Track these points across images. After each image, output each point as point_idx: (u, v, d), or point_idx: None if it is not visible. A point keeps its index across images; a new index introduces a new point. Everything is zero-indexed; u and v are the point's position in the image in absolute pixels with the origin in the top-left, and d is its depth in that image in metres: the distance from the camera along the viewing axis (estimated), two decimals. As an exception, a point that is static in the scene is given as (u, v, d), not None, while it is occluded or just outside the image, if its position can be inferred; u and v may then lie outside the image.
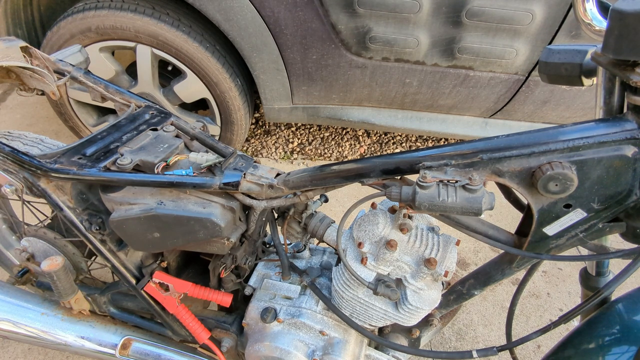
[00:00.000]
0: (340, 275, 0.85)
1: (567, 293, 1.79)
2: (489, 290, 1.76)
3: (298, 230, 0.97)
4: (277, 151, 2.46)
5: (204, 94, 1.91)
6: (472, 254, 1.93)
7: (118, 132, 0.92)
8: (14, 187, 0.89)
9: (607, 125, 0.58)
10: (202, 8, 1.64)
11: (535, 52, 1.68)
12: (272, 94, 1.95)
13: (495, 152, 0.61)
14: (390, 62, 1.77)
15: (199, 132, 0.94)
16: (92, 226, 0.91)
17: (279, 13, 1.62)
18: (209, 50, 1.75)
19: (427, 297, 0.81)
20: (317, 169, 0.76)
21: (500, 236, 0.76)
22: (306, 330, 0.92)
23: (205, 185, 0.78)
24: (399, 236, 0.81)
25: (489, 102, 1.93)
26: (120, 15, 1.66)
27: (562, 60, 0.70)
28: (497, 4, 1.54)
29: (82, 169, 0.81)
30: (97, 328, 1.09)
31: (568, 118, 2.02)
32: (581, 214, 0.64)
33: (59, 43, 1.77)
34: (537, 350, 1.57)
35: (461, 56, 1.71)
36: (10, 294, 1.11)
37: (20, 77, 1.02)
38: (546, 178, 0.58)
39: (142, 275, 0.99)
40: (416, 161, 0.66)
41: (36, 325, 1.07)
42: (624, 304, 0.77)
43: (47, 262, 0.93)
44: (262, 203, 0.82)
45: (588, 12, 0.66)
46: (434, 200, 0.62)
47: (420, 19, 1.61)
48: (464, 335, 1.61)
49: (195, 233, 0.81)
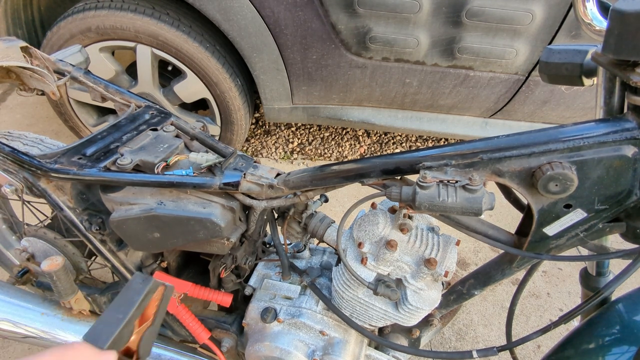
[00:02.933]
0: (340, 276, 0.85)
1: (567, 293, 1.79)
2: (489, 290, 1.76)
3: (298, 230, 0.97)
4: (277, 151, 2.46)
5: (204, 94, 1.91)
6: (472, 254, 1.93)
7: (118, 132, 0.92)
8: (14, 187, 0.89)
9: (607, 126, 0.58)
10: (202, 8, 1.64)
11: (535, 52, 1.68)
12: (272, 94, 1.95)
13: (495, 152, 0.61)
14: (390, 62, 1.77)
15: (199, 132, 0.94)
16: (92, 226, 0.91)
17: (279, 13, 1.62)
18: (209, 50, 1.75)
19: (427, 297, 0.81)
20: (317, 169, 0.76)
21: (500, 236, 0.76)
22: (306, 330, 0.92)
23: (205, 185, 0.78)
24: (399, 236, 0.81)
25: (489, 102, 1.93)
26: (120, 15, 1.65)
27: (562, 60, 0.70)
28: (497, 4, 1.54)
29: (82, 169, 0.81)
30: (97, 328, 1.09)
31: (568, 118, 2.02)
32: (581, 214, 0.64)
33: (59, 43, 1.77)
34: (537, 350, 1.57)
35: (461, 56, 1.71)
36: (10, 294, 1.11)
37: (20, 77, 1.02)
38: (546, 178, 0.58)
39: (142, 275, 0.99)
40: (416, 161, 0.66)
41: (36, 325, 1.07)
42: (624, 304, 0.77)
43: (47, 262, 0.93)
44: (262, 203, 0.82)
45: (588, 12, 0.66)
46: (434, 201, 0.62)
47: (420, 19, 1.61)
48: (464, 335, 1.61)
49: (195, 233, 0.81)
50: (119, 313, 0.45)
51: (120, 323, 0.44)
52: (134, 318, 0.45)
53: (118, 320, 0.44)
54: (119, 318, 0.44)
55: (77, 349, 0.40)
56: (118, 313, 0.45)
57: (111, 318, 0.44)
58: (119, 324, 0.44)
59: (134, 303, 0.45)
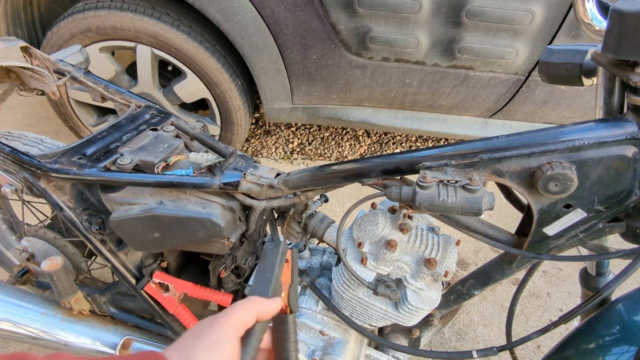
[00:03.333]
0: (340, 275, 0.85)
1: (567, 293, 1.79)
2: (489, 290, 1.76)
3: (298, 230, 0.97)
4: (277, 151, 2.46)
5: (204, 94, 1.91)
6: (472, 254, 1.93)
7: (118, 132, 0.92)
8: (14, 187, 0.89)
9: (607, 126, 0.58)
10: (202, 8, 1.64)
11: (535, 52, 1.68)
12: (272, 94, 1.95)
13: (495, 152, 0.61)
14: (390, 62, 1.77)
15: (199, 132, 0.94)
16: (92, 226, 0.91)
17: (279, 13, 1.62)
18: (209, 50, 1.75)
19: (427, 297, 0.81)
20: (317, 169, 0.76)
21: (500, 236, 0.76)
22: (306, 330, 0.92)
23: (205, 185, 0.78)
24: (399, 236, 0.81)
25: (489, 102, 1.93)
26: (120, 15, 1.65)
27: (562, 60, 0.70)
28: (497, 4, 1.54)
29: (82, 169, 0.81)
30: (97, 328, 1.09)
31: (568, 118, 2.02)
32: (581, 214, 0.64)
33: (59, 43, 1.77)
34: (537, 350, 1.57)
35: (461, 56, 1.71)
36: (10, 294, 1.11)
37: (20, 77, 1.02)
38: (546, 178, 0.58)
39: (142, 275, 0.99)
40: (416, 161, 0.66)
41: (36, 325, 1.07)
42: (624, 304, 0.77)
43: (47, 262, 0.93)
44: (262, 203, 0.82)
45: (588, 12, 0.66)
46: (434, 201, 0.62)
47: (420, 19, 1.61)
48: (464, 335, 1.61)
49: (195, 233, 0.81)
50: (266, 273, 0.52)
51: (271, 279, 0.51)
52: (279, 275, 0.53)
53: (268, 278, 0.52)
54: (268, 277, 0.52)
55: (254, 299, 0.47)
56: (266, 273, 0.52)
57: (262, 278, 0.52)
58: (270, 279, 0.51)
59: (275, 262, 0.53)
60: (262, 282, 0.51)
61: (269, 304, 0.48)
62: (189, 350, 0.42)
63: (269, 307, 0.48)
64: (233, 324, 0.44)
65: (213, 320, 0.45)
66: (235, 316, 0.45)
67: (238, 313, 0.45)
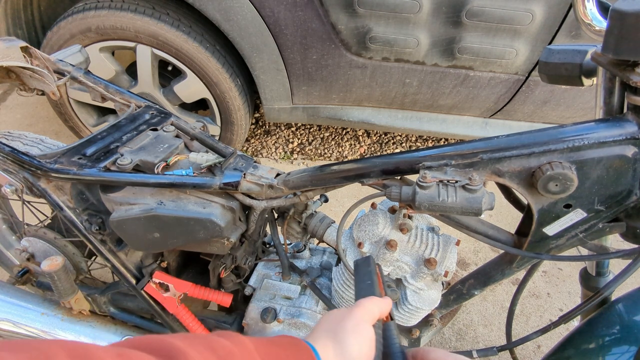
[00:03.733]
0: (340, 275, 0.85)
1: (567, 293, 1.79)
2: (489, 290, 1.76)
3: (298, 230, 0.97)
4: (277, 151, 2.46)
5: (204, 94, 1.91)
6: (472, 254, 1.93)
7: (118, 132, 0.92)
8: (14, 187, 0.89)
9: (607, 126, 0.58)
10: (202, 8, 1.64)
11: (535, 52, 1.68)
12: (272, 94, 1.95)
13: (495, 152, 0.61)
14: (390, 62, 1.77)
15: (199, 132, 0.94)
16: (92, 226, 0.91)
17: (279, 13, 1.62)
18: (209, 50, 1.75)
19: (427, 297, 0.81)
20: (317, 169, 0.76)
21: (500, 236, 0.76)
22: (306, 330, 0.92)
23: (205, 185, 0.78)
24: (399, 236, 0.81)
25: (489, 102, 1.93)
26: (120, 15, 1.65)
27: (562, 60, 0.70)
28: (497, 4, 1.54)
29: (82, 169, 0.81)
30: (97, 328, 1.09)
31: (568, 118, 2.02)
32: (581, 214, 0.64)
33: (59, 43, 1.77)
34: (537, 350, 1.57)
35: (461, 56, 1.71)
36: (10, 294, 1.11)
37: (20, 77, 1.02)
38: (546, 178, 0.58)
39: (142, 275, 0.99)
40: (416, 161, 0.66)
41: (36, 325, 1.07)
42: (624, 304, 0.77)
43: (47, 262, 0.93)
44: (262, 203, 0.82)
45: (588, 12, 0.66)
46: (434, 201, 0.62)
47: (420, 19, 1.61)
48: (464, 335, 1.61)
49: (195, 233, 0.81)
50: (366, 280, 0.56)
51: (374, 285, 0.55)
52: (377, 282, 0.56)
53: (370, 284, 0.55)
54: (369, 283, 0.55)
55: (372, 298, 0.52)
56: (366, 280, 0.56)
57: (364, 285, 0.55)
58: (372, 285, 0.55)
59: (372, 271, 0.57)
60: (366, 288, 0.55)
61: (385, 301, 0.53)
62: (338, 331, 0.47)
63: (387, 304, 0.53)
64: (367, 313, 0.50)
65: (346, 310, 0.50)
66: (366, 308, 0.50)
67: (367, 306, 0.50)
